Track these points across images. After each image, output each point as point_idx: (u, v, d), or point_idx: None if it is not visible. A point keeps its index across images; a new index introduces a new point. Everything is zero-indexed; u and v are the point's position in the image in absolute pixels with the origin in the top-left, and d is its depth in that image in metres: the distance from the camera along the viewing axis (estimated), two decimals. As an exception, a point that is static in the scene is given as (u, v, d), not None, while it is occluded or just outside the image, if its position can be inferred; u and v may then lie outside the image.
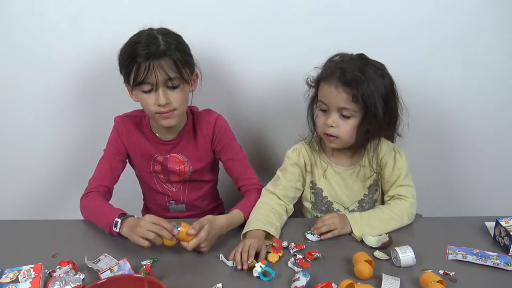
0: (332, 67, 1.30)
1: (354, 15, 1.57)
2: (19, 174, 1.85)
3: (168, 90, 1.32)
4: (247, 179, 1.46)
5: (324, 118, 1.32)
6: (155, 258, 1.18)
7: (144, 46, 1.27)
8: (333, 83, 1.27)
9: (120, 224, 1.23)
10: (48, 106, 1.73)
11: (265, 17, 1.58)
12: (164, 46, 1.29)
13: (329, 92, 1.28)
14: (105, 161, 1.45)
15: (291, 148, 1.45)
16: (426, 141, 1.74)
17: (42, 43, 1.63)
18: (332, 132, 1.31)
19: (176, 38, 1.34)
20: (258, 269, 1.10)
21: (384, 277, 1.09)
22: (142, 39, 1.29)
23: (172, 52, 1.29)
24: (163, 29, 1.35)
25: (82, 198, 1.39)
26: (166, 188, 1.53)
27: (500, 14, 1.58)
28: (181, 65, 1.30)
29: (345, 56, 1.33)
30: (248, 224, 1.29)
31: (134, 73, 1.29)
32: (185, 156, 1.48)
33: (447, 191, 1.88)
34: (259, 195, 1.41)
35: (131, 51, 1.29)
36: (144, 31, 1.33)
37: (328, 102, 1.30)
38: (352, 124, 1.30)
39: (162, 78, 1.29)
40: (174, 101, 1.33)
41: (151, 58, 1.26)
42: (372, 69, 1.28)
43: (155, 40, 1.29)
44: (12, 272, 1.08)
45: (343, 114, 1.29)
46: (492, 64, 1.63)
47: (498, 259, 1.16)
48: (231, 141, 1.49)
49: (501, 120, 1.73)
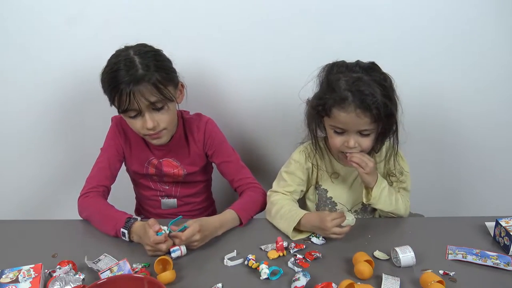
0: (340, 89, 1.22)
1: (353, 18, 1.57)
2: (19, 174, 1.85)
3: (153, 113, 1.31)
4: (242, 179, 1.46)
5: (342, 140, 1.28)
6: (146, 263, 1.17)
7: (124, 72, 1.25)
8: (351, 110, 1.21)
9: (128, 234, 1.23)
10: (47, 106, 1.73)
11: (260, 21, 1.58)
12: (142, 70, 1.25)
13: (347, 119, 1.23)
14: (104, 160, 1.44)
15: (297, 149, 1.43)
16: (426, 142, 1.74)
17: (41, 43, 1.62)
18: (353, 152, 1.28)
19: (154, 56, 1.31)
20: (266, 270, 1.10)
21: (384, 277, 1.09)
22: (120, 65, 1.26)
23: (151, 74, 1.26)
24: (140, 48, 1.31)
25: (81, 197, 1.38)
26: (159, 185, 1.54)
27: (501, 17, 1.58)
28: (162, 86, 1.28)
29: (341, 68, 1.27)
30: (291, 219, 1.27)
31: (117, 101, 1.28)
32: (178, 161, 1.48)
33: (447, 191, 1.88)
34: (255, 193, 1.42)
35: (110, 79, 1.27)
36: (121, 53, 1.30)
37: (347, 127, 1.25)
38: (371, 139, 1.29)
39: (144, 104, 1.28)
40: (161, 122, 1.33)
41: (131, 85, 1.24)
42: (376, 78, 1.24)
43: (132, 64, 1.26)
44: (12, 272, 1.08)
45: (363, 133, 1.26)
46: (493, 65, 1.63)
47: (498, 259, 1.16)
48: (222, 144, 1.49)
49: (502, 121, 1.73)
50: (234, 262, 1.17)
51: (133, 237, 1.23)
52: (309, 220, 1.27)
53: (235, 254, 1.20)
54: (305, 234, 1.29)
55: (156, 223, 1.18)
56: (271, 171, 1.48)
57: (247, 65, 1.65)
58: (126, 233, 1.23)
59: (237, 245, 1.23)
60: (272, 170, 1.51)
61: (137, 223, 1.24)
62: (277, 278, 1.10)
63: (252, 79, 1.68)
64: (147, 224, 1.18)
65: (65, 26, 1.59)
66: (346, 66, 1.27)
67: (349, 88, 1.22)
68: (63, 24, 1.59)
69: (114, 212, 1.31)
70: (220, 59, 1.64)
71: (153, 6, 1.57)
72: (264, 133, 1.80)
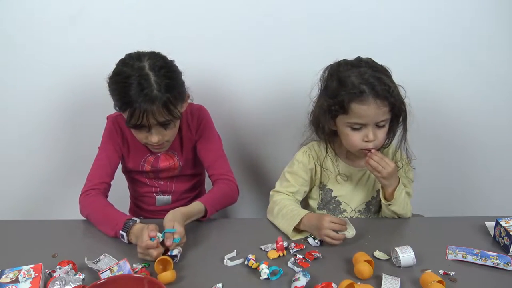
0: (354, 84, 1.24)
1: (358, 18, 1.58)
2: (19, 174, 1.85)
3: (160, 128, 1.32)
4: (217, 168, 1.47)
5: (361, 135, 1.28)
6: (146, 263, 1.17)
7: (139, 90, 1.23)
8: (370, 101, 1.23)
9: (127, 236, 1.23)
10: (46, 106, 1.74)
11: (264, 21, 1.59)
12: (156, 91, 1.24)
13: (368, 113, 1.24)
14: (104, 157, 1.44)
15: (301, 150, 1.43)
16: (425, 143, 1.74)
17: (41, 42, 1.63)
18: (372, 145, 1.29)
19: (169, 73, 1.29)
20: (266, 270, 1.10)
21: (384, 277, 1.09)
22: (134, 80, 1.24)
23: (165, 97, 1.25)
24: (155, 62, 1.28)
25: (82, 195, 1.38)
26: (154, 181, 1.54)
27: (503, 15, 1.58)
28: (172, 107, 1.28)
29: (346, 66, 1.29)
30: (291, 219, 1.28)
31: (127, 115, 1.28)
32: (174, 151, 1.49)
33: (447, 191, 1.88)
34: (226, 186, 1.42)
35: (123, 92, 1.25)
36: (135, 64, 1.26)
37: (367, 120, 1.26)
38: (385, 130, 1.30)
39: (153, 122, 1.28)
40: (166, 136, 1.35)
41: (145, 105, 1.23)
42: (379, 68, 1.27)
43: (147, 83, 1.24)
44: (12, 272, 1.08)
45: (379, 124, 1.27)
46: (495, 65, 1.64)
47: (498, 259, 1.16)
48: (210, 130, 1.50)
49: (503, 121, 1.73)
50: (234, 262, 1.17)
51: (131, 238, 1.23)
52: (309, 219, 1.27)
53: (235, 254, 1.20)
54: (305, 234, 1.29)
55: (155, 230, 1.17)
56: (275, 171, 1.48)
57: (251, 65, 1.66)
58: (125, 236, 1.23)
59: (237, 245, 1.23)
60: (275, 170, 1.51)
61: (137, 225, 1.24)
62: (277, 278, 1.10)
63: (256, 79, 1.69)
64: (146, 228, 1.18)
65: (64, 26, 1.60)
66: (351, 63, 1.29)
67: (363, 82, 1.24)
68: (63, 25, 1.59)
69: (115, 213, 1.31)
70: (222, 60, 1.66)
71: (156, 4, 1.57)
72: (268, 133, 1.80)
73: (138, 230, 1.22)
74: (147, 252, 1.16)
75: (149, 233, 1.16)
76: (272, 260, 1.17)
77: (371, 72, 1.25)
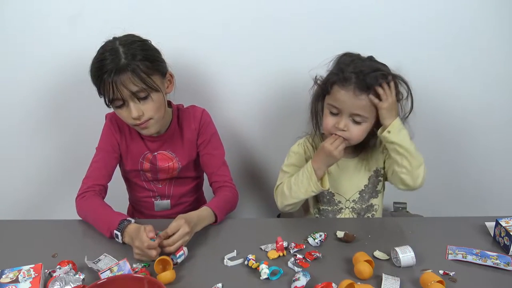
0: (346, 71, 1.27)
1: (356, 15, 1.58)
2: (18, 174, 1.85)
3: (138, 102, 1.31)
4: (220, 176, 1.47)
5: (334, 121, 1.30)
6: (146, 263, 1.16)
7: (107, 62, 1.25)
8: (349, 88, 1.25)
9: (121, 235, 1.23)
10: (46, 106, 1.73)
11: (263, 18, 1.59)
12: (125, 59, 1.25)
13: (345, 98, 1.26)
14: (100, 159, 1.44)
15: (296, 143, 1.46)
16: (425, 142, 1.74)
17: (38, 41, 1.63)
18: (342, 134, 1.30)
19: (141, 46, 1.30)
20: (266, 270, 1.10)
21: (384, 277, 1.09)
22: (105, 55, 1.27)
23: (134, 64, 1.26)
24: (127, 38, 1.31)
25: (78, 198, 1.38)
26: (152, 185, 1.53)
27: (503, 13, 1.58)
28: (145, 76, 1.27)
29: (353, 57, 1.31)
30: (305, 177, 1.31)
31: (103, 91, 1.29)
32: (173, 153, 1.48)
33: (447, 191, 1.88)
34: (230, 193, 1.43)
35: (95, 69, 1.28)
36: (108, 43, 1.31)
37: (342, 107, 1.27)
38: (363, 129, 1.30)
39: (126, 93, 1.28)
40: (146, 112, 1.33)
41: (113, 75, 1.24)
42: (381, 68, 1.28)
43: (116, 54, 1.26)
44: (12, 272, 1.08)
45: (355, 120, 1.28)
46: (496, 63, 1.63)
47: (498, 259, 1.16)
48: (213, 136, 1.50)
49: (503, 120, 1.73)
50: (234, 262, 1.17)
51: (125, 238, 1.23)
52: (316, 159, 1.31)
53: (235, 254, 1.20)
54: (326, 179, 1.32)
55: (153, 231, 1.17)
56: (274, 170, 1.48)
57: (251, 66, 1.66)
58: (119, 235, 1.23)
59: (237, 245, 1.23)
60: (275, 168, 1.51)
61: (132, 225, 1.24)
62: (277, 278, 1.10)
63: (256, 79, 1.69)
64: (143, 229, 1.17)
65: (60, 23, 1.60)
66: (358, 56, 1.32)
67: (353, 70, 1.26)
68: (58, 22, 1.59)
69: (109, 213, 1.30)
70: (223, 60, 1.65)
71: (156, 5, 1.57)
72: (267, 131, 1.80)
73: (133, 230, 1.21)
74: (145, 252, 1.15)
75: (147, 234, 1.15)
76: (272, 260, 1.18)
77: (367, 66, 1.27)
